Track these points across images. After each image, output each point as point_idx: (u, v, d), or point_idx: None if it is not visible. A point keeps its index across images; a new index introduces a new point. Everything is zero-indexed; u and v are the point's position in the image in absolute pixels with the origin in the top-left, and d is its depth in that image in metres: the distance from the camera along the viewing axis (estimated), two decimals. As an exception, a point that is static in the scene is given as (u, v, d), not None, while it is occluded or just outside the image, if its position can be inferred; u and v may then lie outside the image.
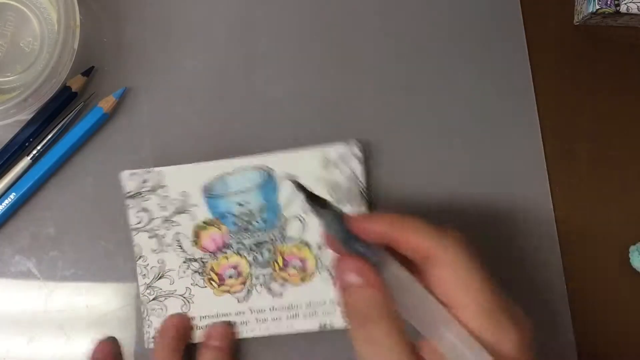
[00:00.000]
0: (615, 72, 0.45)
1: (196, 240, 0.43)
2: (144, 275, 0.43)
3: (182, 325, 0.42)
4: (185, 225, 0.42)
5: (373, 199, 0.43)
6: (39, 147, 0.43)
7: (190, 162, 0.43)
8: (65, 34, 0.40)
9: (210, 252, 0.43)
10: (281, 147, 0.43)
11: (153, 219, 0.42)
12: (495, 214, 0.43)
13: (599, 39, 0.45)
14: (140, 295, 0.42)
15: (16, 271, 0.43)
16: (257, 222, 0.42)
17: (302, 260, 0.43)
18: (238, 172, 0.42)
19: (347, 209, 0.42)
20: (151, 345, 0.42)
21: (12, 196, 0.42)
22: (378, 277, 0.31)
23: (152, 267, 0.43)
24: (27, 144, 0.43)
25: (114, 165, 0.44)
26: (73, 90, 0.43)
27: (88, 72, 0.43)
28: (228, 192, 0.42)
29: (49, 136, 0.43)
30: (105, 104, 0.43)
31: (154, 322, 0.42)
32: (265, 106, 0.44)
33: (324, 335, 0.43)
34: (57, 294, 0.43)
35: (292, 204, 0.42)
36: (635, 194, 0.44)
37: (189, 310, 0.42)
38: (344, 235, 0.32)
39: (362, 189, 0.42)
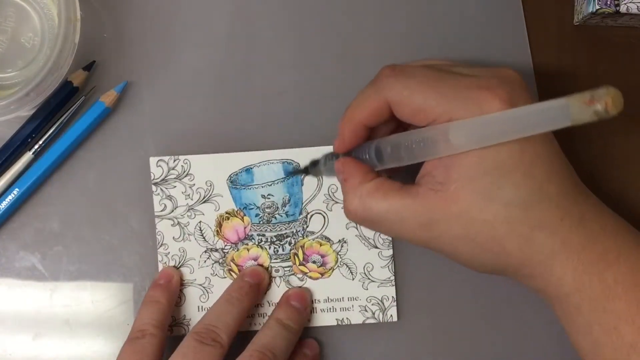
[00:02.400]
0: (615, 72, 0.45)
1: (218, 230, 0.43)
2: (165, 263, 0.43)
3: (259, 276, 0.42)
4: (209, 214, 0.43)
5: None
6: (40, 142, 0.43)
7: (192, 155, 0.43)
8: (65, 28, 0.40)
9: (231, 242, 0.43)
10: (283, 141, 0.43)
11: (177, 207, 0.43)
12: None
13: (599, 39, 0.45)
14: None
15: (21, 267, 0.43)
16: (280, 215, 0.43)
17: (323, 256, 0.43)
18: (264, 164, 0.43)
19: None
20: (168, 333, 0.42)
21: (15, 192, 0.42)
22: (351, 162, 0.37)
23: (173, 255, 0.43)
24: (29, 140, 0.43)
25: (117, 159, 0.44)
26: (74, 85, 0.43)
27: (89, 67, 0.43)
28: (253, 183, 0.43)
29: (51, 131, 0.43)
30: (107, 98, 0.43)
31: (173, 312, 0.42)
32: (267, 100, 0.44)
33: (340, 330, 0.43)
34: (62, 289, 0.43)
35: (315, 199, 0.43)
36: (636, 194, 0.44)
37: (207, 300, 0.43)
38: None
39: None
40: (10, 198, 0.42)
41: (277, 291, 0.43)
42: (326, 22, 0.45)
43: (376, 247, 0.43)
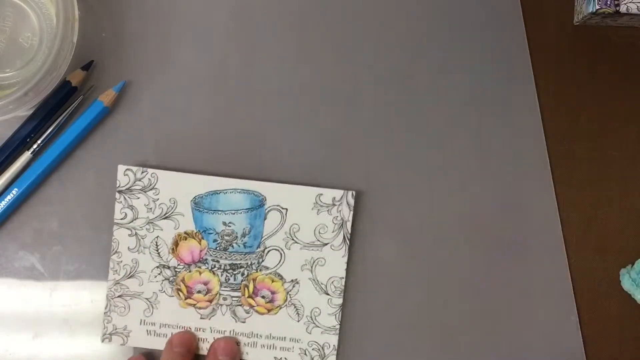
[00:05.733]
0: (615, 72, 0.45)
1: (174, 248, 0.43)
2: (115, 271, 0.43)
3: (188, 343, 0.42)
4: (167, 231, 0.43)
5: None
6: (39, 142, 0.43)
7: (190, 155, 0.43)
8: (64, 28, 0.40)
9: (185, 263, 0.43)
10: (282, 139, 0.43)
11: (137, 218, 0.43)
12: (499, 215, 0.44)
13: (599, 39, 0.45)
14: (107, 290, 0.43)
15: (20, 267, 0.43)
16: (237, 244, 0.43)
17: (273, 292, 0.43)
18: (230, 192, 0.42)
19: (328, 251, 0.42)
20: (106, 341, 0.43)
21: (14, 192, 0.42)
22: None
23: (125, 264, 0.43)
24: (28, 140, 0.43)
25: (115, 158, 0.44)
26: (73, 84, 0.43)
27: (87, 67, 0.43)
28: (216, 209, 0.42)
29: (49, 130, 0.43)
30: (106, 97, 0.43)
31: (114, 319, 0.43)
32: (265, 99, 0.44)
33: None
34: (61, 289, 0.43)
35: (276, 235, 0.43)
36: (635, 194, 0.44)
37: (151, 315, 0.43)
38: None
39: (346, 235, 0.42)
40: (9, 198, 0.42)
41: (221, 319, 0.43)
42: (326, 22, 0.45)
43: (327, 294, 0.43)
